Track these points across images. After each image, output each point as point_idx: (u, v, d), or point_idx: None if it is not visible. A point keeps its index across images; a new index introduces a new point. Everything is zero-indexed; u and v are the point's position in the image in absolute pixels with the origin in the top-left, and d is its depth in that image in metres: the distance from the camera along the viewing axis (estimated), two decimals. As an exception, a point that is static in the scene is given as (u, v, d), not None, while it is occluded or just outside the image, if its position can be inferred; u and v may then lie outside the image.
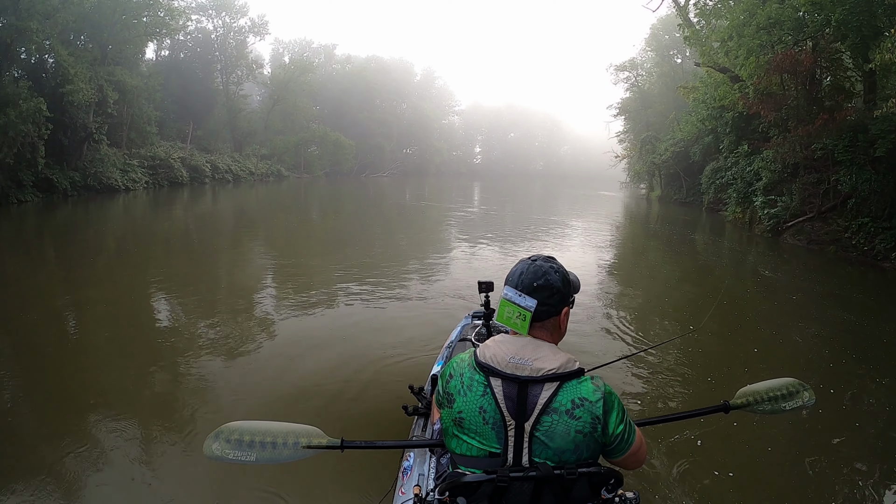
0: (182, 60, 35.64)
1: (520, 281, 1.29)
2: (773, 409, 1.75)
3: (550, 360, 1.24)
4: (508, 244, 12.12)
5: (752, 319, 6.51)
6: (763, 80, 12.72)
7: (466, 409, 1.26)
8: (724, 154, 18.38)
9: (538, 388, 1.22)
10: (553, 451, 1.22)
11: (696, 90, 18.69)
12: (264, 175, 37.43)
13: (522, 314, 1.26)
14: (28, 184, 18.36)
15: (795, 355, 5.22)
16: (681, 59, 31.74)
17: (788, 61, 11.92)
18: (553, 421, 1.21)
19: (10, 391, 3.96)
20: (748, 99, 13.65)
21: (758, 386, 1.80)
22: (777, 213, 13.34)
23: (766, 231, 13.63)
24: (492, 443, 1.24)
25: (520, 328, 1.27)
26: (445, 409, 1.32)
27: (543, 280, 1.27)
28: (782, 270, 10.10)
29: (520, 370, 1.23)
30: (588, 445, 1.23)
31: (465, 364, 1.32)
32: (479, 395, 1.26)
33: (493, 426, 1.24)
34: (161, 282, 7.60)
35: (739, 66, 13.47)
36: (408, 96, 59.09)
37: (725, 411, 1.73)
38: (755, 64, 12.65)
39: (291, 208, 22.04)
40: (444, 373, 1.36)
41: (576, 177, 62.05)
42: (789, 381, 1.81)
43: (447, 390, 1.32)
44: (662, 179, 27.40)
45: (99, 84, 21.44)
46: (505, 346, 1.28)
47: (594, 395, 1.23)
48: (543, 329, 1.30)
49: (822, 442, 3.48)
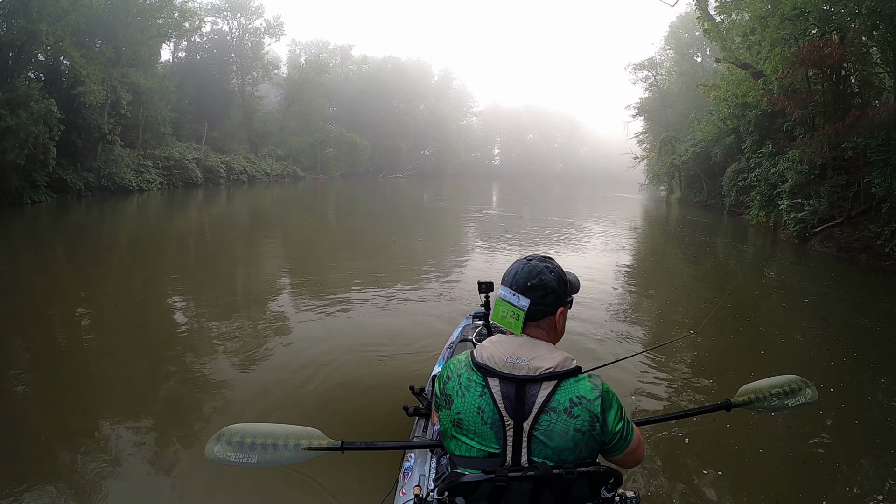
0: (198, 62, 36.04)
1: (514, 280, 1.29)
2: (775, 407, 1.73)
3: (548, 359, 1.23)
4: (526, 247, 11.80)
5: (771, 335, 5.93)
6: (788, 75, 11.88)
7: (465, 410, 1.25)
8: (747, 155, 17.48)
9: (536, 388, 1.22)
10: (552, 450, 1.21)
11: (716, 88, 17.88)
12: (280, 176, 37.58)
13: (516, 313, 1.26)
14: (42, 184, 18.61)
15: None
16: (701, 57, 31.04)
17: (815, 54, 11.09)
18: (552, 420, 1.20)
19: (24, 389, 4.03)
20: (772, 95, 12.81)
21: (760, 383, 1.77)
22: (804, 217, 12.39)
23: (791, 237, 12.70)
24: (490, 443, 1.24)
25: (513, 327, 1.28)
26: (444, 411, 1.31)
27: (538, 280, 1.27)
28: (808, 279, 9.27)
29: (517, 370, 1.22)
30: (587, 444, 1.22)
31: (463, 365, 1.31)
32: (476, 395, 1.25)
33: (491, 426, 1.23)
34: (173, 282, 7.70)
35: (763, 59, 12.65)
36: (425, 97, 58.85)
37: (727, 409, 1.71)
38: (780, 56, 11.83)
39: (306, 209, 22.03)
40: (441, 375, 1.36)
41: (595, 179, 61.37)
42: (791, 378, 1.78)
43: (445, 392, 1.31)
44: (682, 181, 26.60)
45: (112, 85, 21.64)
46: (502, 346, 1.27)
47: (592, 394, 1.22)
48: (539, 329, 1.30)
49: (822, 442, 3.44)
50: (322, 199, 26.59)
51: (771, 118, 15.19)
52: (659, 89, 32.41)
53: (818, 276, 9.50)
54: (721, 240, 14.50)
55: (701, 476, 2.98)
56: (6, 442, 3.24)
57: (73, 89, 19.05)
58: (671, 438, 3.28)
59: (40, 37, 16.34)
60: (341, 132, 43.99)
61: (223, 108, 36.02)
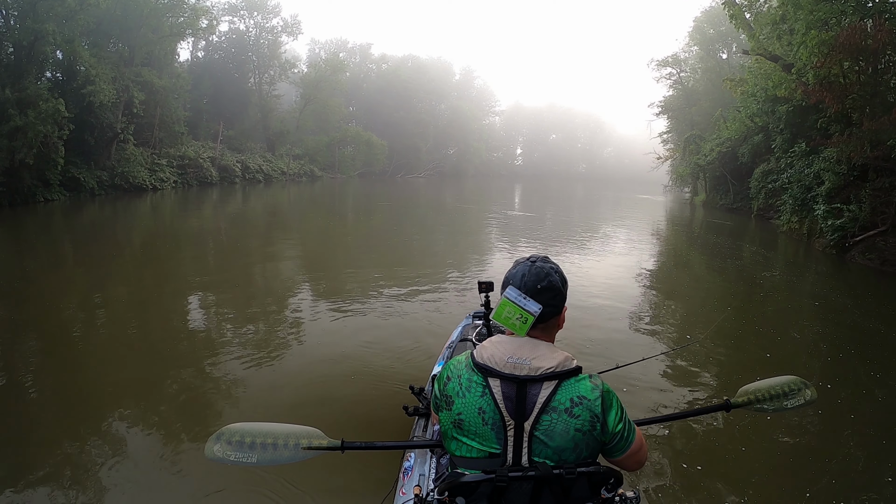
0: (217, 61, 36.39)
1: (523, 283, 1.27)
2: (775, 408, 1.73)
3: (548, 359, 1.23)
4: (549, 250, 11.31)
5: (793, 346, 5.01)
6: (826, 62, 10.63)
7: (466, 411, 1.25)
8: (777, 154, 16.20)
9: (537, 388, 1.22)
10: (553, 450, 1.21)
11: (744, 83, 16.70)
12: (297, 175, 37.58)
13: (524, 317, 1.25)
14: (55, 183, 18.79)
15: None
16: (726, 54, 29.85)
17: (855, 38, 9.91)
18: (552, 420, 1.21)
19: (36, 386, 4.04)
20: (807, 86, 11.56)
21: (759, 384, 1.78)
22: (843, 224, 11.04)
23: (828, 246, 11.38)
24: (491, 443, 1.23)
25: (518, 330, 1.26)
26: (444, 412, 1.30)
27: (546, 282, 1.27)
28: (846, 294, 8.11)
29: (518, 370, 1.22)
30: (587, 444, 1.22)
31: (463, 366, 1.31)
32: (477, 395, 1.24)
33: (492, 426, 1.23)
34: (183, 281, 7.77)
35: (797, 45, 11.33)
36: (446, 96, 58.31)
37: (727, 410, 1.72)
38: (817, 40, 10.54)
39: (322, 209, 21.85)
40: (440, 376, 1.36)
41: (619, 180, 60.20)
42: (791, 378, 1.80)
43: (445, 393, 1.31)
44: (707, 183, 25.44)
45: (125, 84, 21.73)
46: (502, 347, 1.27)
47: (593, 394, 1.22)
48: (544, 330, 1.30)
49: (823, 440, 3.48)
50: (340, 199, 26.47)
51: (803, 114, 13.92)
52: (683, 87, 31.21)
53: (858, 293, 8.36)
54: (748, 246, 13.40)
55: (701, 476, 2.98)
56: (13, 434, 3.30)
57: (82, 88, 19.12)
58: (671, 438, 3.31)
59: (47, 37, 16.35)
60: (358, 131, 43.84)
61: (241, 107, 36.26)
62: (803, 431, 3.57)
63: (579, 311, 6.01)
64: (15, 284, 7.24)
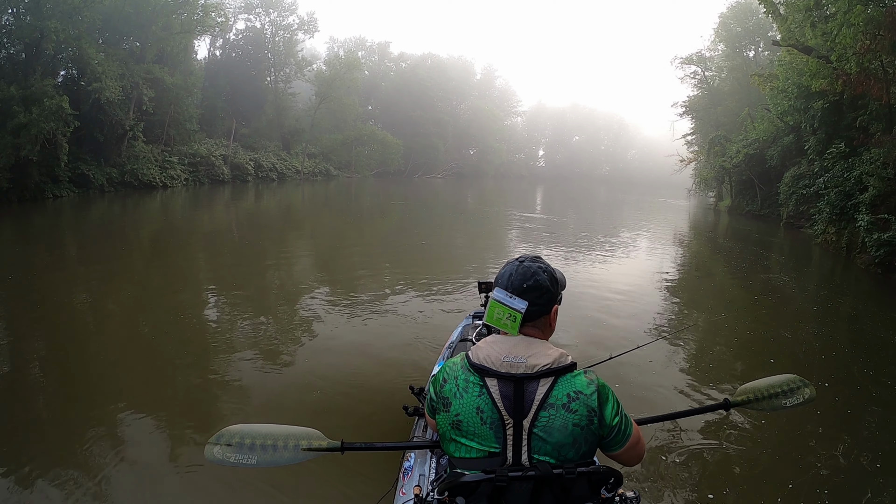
0: (234, 59, 36.52)
1: (509, 283, 1.28)
2: (774, 406, 1.74)
3: (544, 356, 1.24)
4: (571, 254, 11.15)
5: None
6: (873, 45, 9.17)
7: (464, 412, 1.24)
8: (810, 156, 14.84)
9: (534, 385, 1.22)
10: (552, 447, 1.21)
11: (774, 78, 15.39)
12: (311, 174, 37.40)
13: (513, 315, 1.26)
14: (64, 179, 18.84)
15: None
16: (753, 52, 28.34)
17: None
18: (550, 416, 1.21)
19: (42, 384, 4.08)
20: (848, 76, 10.23)
21: (758, 383, 1.78)
22: (890, 238, 9.51)
23: (872, 264, 9.86)
24: (491, 443, 1.23)
25: (509, 329, 1.27)
26: (441, 414, 1.29)
27: (533, 281, 1.28)
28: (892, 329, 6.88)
29: (515, 368, 1.22)
30: (586, 438, 1.22)
31: (458, 367, 1.31)
32: (475, 395, 1.24)
33: (491, 426, 1.22)
34: (188, 281, 7.83)
35: (838, 26, 9.87)
36: (467, 96, 57.53)
37: (726, 409, 1.74)
38: (863, 17, 9.10)
39: (336, 210, 21.56)
40: (436, 378, 1.35)
41: (643, 183, 58.34)
42: (790, 377, 1.79)
43: (442, 395, 1.30)
44: (733, 187, 24.05)
45: (135, 81, 21.68)
46: (498, 346, 1.27)
47: (588, 388, 1.23)
48: (535, 328, 1.30)
49: (823, 441, 3.43)
50: (355, 199, 26.17)
51: (840, 111, 12.64)
52: (708, 86, 29.69)
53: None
54: (776, 256, 12.24)
55: (701, 476, 3.00)
56: (16, 433, 3.30)
57: (89, 86, 19.13)
58: (671, 438, 3.33)
59: (50, 34, 16.33)
60: (373, 130, 43.50)
61: (257, 104, 36.31)
62: (803, 430, 3.58)
63: (595, 320, 6.03)
64: (22, 280, 7.30)
